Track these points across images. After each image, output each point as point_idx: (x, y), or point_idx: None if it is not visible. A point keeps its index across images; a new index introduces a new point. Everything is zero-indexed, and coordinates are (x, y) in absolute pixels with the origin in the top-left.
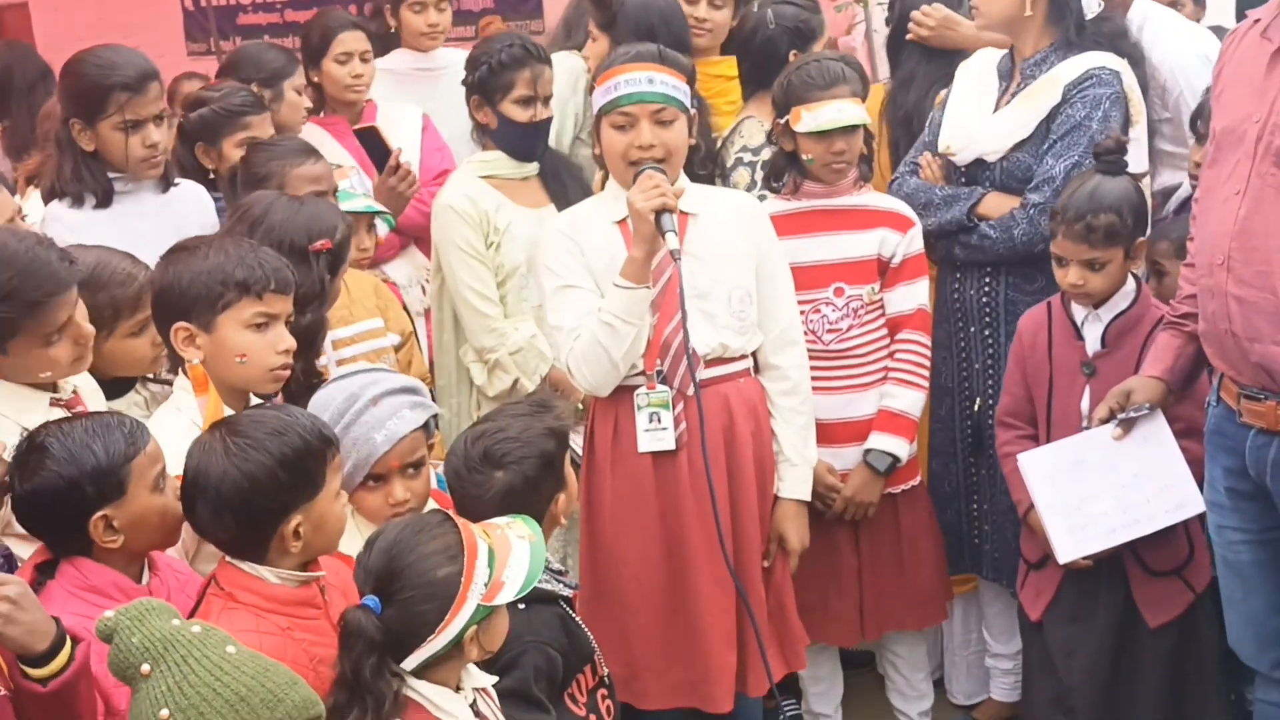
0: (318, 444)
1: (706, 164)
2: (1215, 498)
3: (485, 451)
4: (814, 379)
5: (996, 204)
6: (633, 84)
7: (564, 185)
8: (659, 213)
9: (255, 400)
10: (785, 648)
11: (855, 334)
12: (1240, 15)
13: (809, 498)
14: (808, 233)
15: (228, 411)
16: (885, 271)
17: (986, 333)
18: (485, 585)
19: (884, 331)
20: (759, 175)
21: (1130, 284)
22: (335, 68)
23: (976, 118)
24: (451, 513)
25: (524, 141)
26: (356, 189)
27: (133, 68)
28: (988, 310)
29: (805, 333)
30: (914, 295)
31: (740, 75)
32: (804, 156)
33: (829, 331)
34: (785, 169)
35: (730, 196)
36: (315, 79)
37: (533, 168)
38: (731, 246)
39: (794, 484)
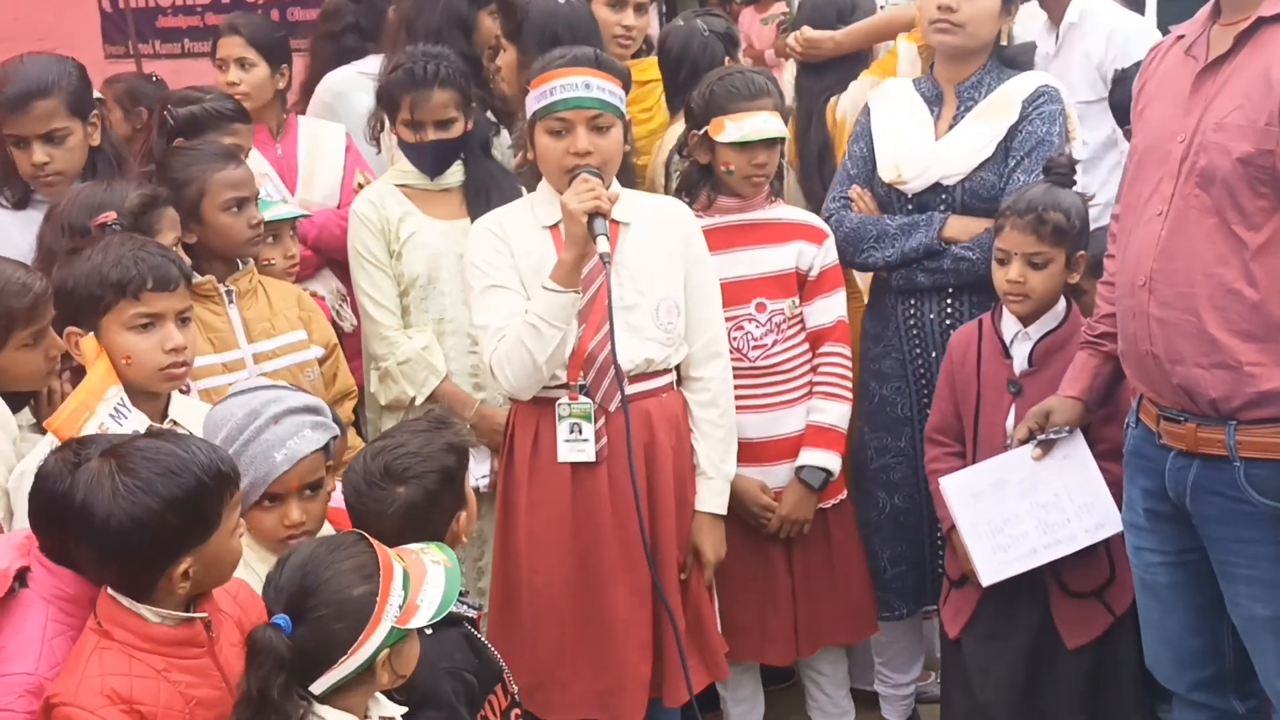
0: (214, 483)
1: (622, 176)
2: (1134, 519)
3: (386, 467)
4: (741, 397)
5: (962, 226)
6: (569, 89)
7: (487, 199)
8: (591, 216)
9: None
10: (706, 658)
11: (779, 349)
12: (1160, 20)
13: (725, 511)
14: (726, 248)
15: (112, 391)
16: (803, 285)
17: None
18: (400, 607)
19: (805, 346)
20: None
21: (1060, 304)
22: (216, 74)
23: (923, 144)
24: (367, 534)
25: (418, 160)
26: (273, 196)
27: (17, 85)
28: (951, 331)
29: (731, 350)
30: (833, 308)
31: (670, 87)
32: (723, 168)
33: (754, 348)
34: (699, 182)
35: (662, 205)
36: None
37: (452, 179)
38: (662, 256)
39: (710, 497)
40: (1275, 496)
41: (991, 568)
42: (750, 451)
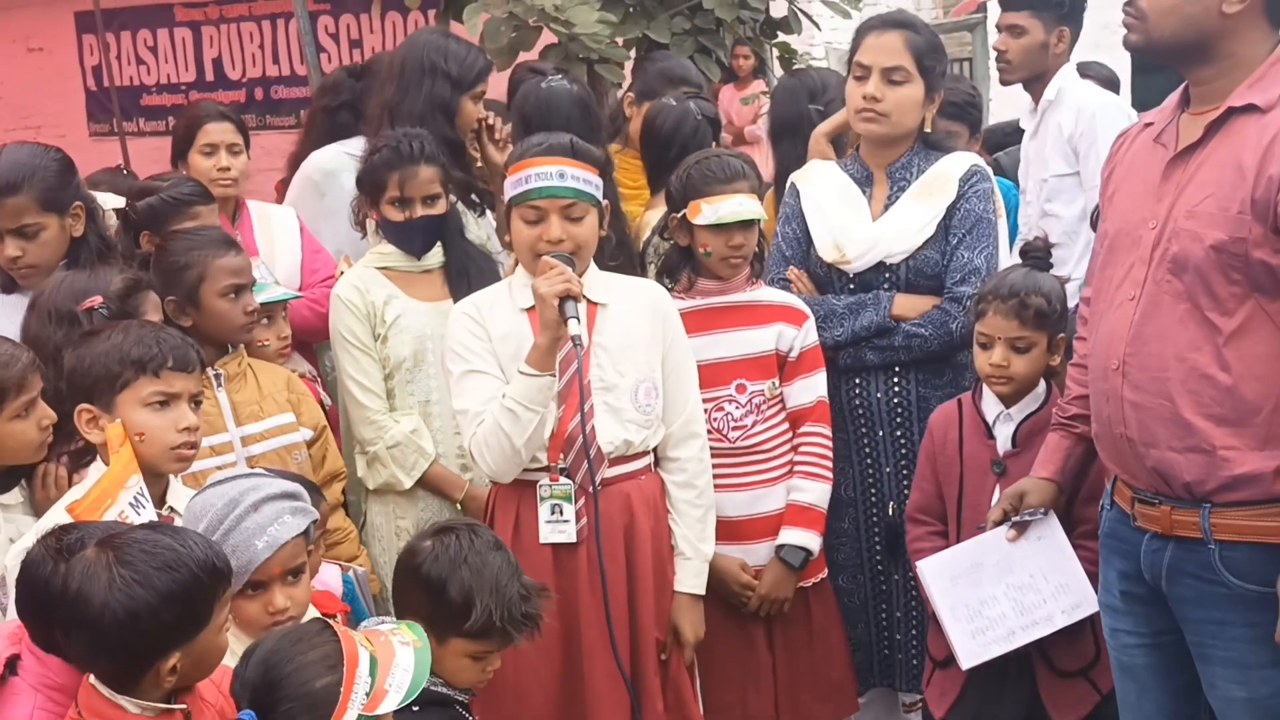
0: (209, 580)
1: (618, 254)
2: (1110, 601)
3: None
4: (721, 476)
5: (910, 304)
6: (543, 178)
7: (468, 280)
8: (563, 300)
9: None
10: None
11: (760, 430)
12: (1135, 98)
13: (703, 591)
14: (706, 330)
15: (134, 480)
16: (784, 366)
17: (899, 434)
18: (367, 695)
19: (785, 425)
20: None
21: (1041, 386)
22: (200, 160)
23: (862, 224)
24: (332, 621)
25: (404, 240)
26: (266, 278)
27: None
28: (899, 411)
29: (711, 431)
30: (813, 388)
31: (656, 166)
32: (701, 250)
33: (734, 429)
34: (679, 265)
35: (640, 287)
36: (184, 171)
37: (434, 260)
38: (640, 338)
39: (688, 578)
40: (1250, 579)
41: (970, 650)
42: (731, 530)
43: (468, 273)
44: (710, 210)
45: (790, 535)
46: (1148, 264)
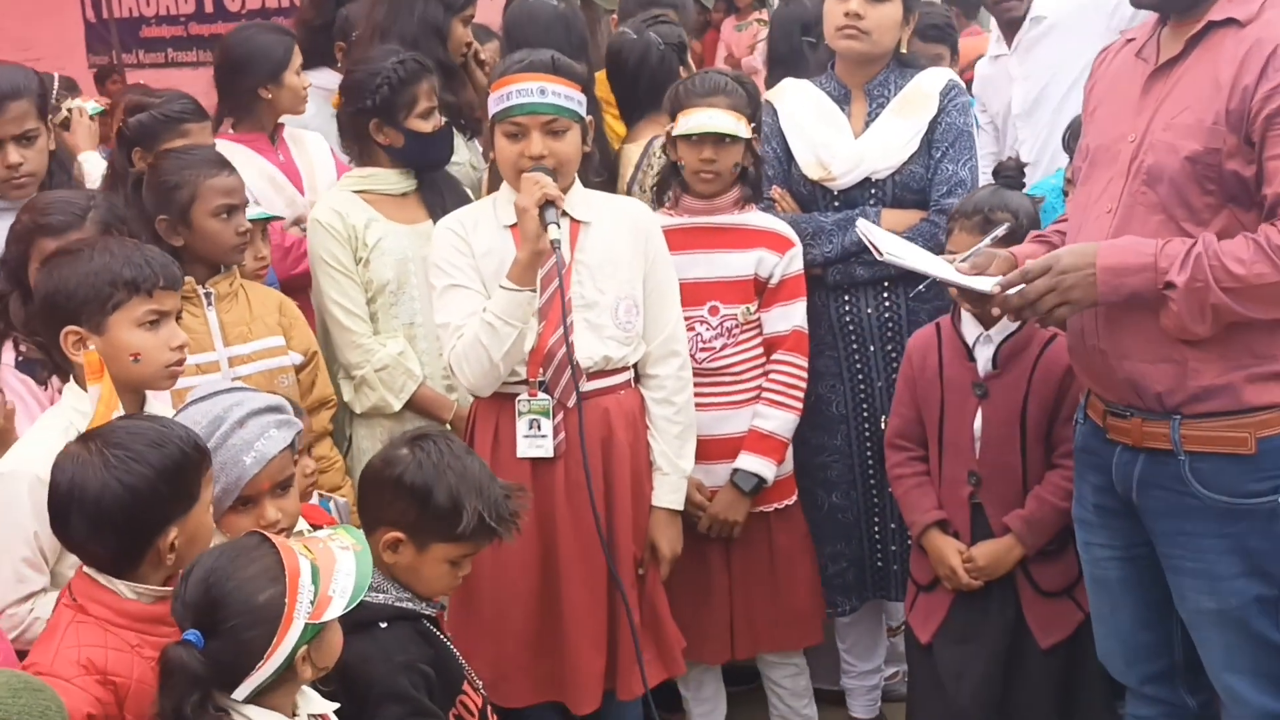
0: (195, 455)
1: (602, 170)
2: (1083, 514)
3: None
4: None
5: (897, 218)
6: (524, 94)
7: (442, 199)
8: (542, 207)
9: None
10: (663, 653)
11: (729, 353)
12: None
13: (681, 507)
14: (686, 249)
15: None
16: (763, 291)
17: (889, 348)
18: (311, 603)
19: (759, 351)
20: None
21: None
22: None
23: (844, 141)
24: (270, 533)
25: (433, 152)
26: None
27: None
28: (889, 326)
29: None
30: (790, 316)
31: (626, 100)
32: (679, 163)
33: (702, 350)
34: (669, 180)
35: (623, 205)
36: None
37: (411, 182)
38: (621, 255)
39: (665, 493)
40: (1220, 490)
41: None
42: None
43: (440, 192)
44: (684, 121)
45: (746, 460)
46: (1125, 177)
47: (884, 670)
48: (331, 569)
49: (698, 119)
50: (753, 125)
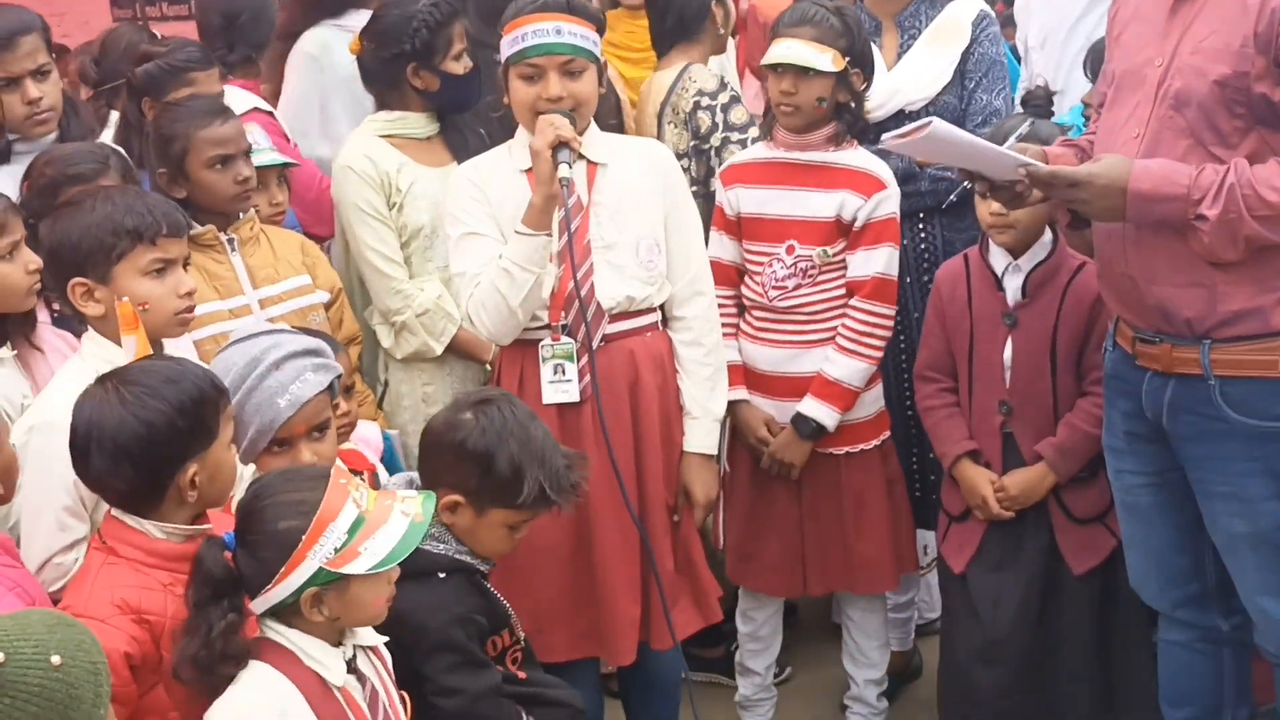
0: (211, 391)
1: (615, 113)
2: (1113, 441)
3: None
4: (758, 330)
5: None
6: (540, 35)
7: (465, 140)
8: (556, 149)
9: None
10: (699, 601)
11: (802, 294)
12: None
13: (714, 451)
14: (767, 184)
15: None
16: (849, 234)
17: (925, 279)
18: (335, 550)
19: (840, 293)
20: (720, 118)
21: (1048, 234)
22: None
23: (878, 73)
24: (339, 470)
25: (468, 93)
26: (260, 143)
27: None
28: (925, 256)
29: (755, 287)
30: (870, 262)
31: (655, 29)
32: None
33: (774, 288)
34: (769, 113)
35: (640, 146)
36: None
37: (436, 125)
38: (641, 196)
39: (697, 437)
40: (1250, 413)
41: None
42: (761, 383)
43: (462, 133)
44: (769, 52)
45: (807, 404)
46: (1153, 102)
47: (923, 606)
48: (377, 528)
49: (777, 50)
50: (849, 59)
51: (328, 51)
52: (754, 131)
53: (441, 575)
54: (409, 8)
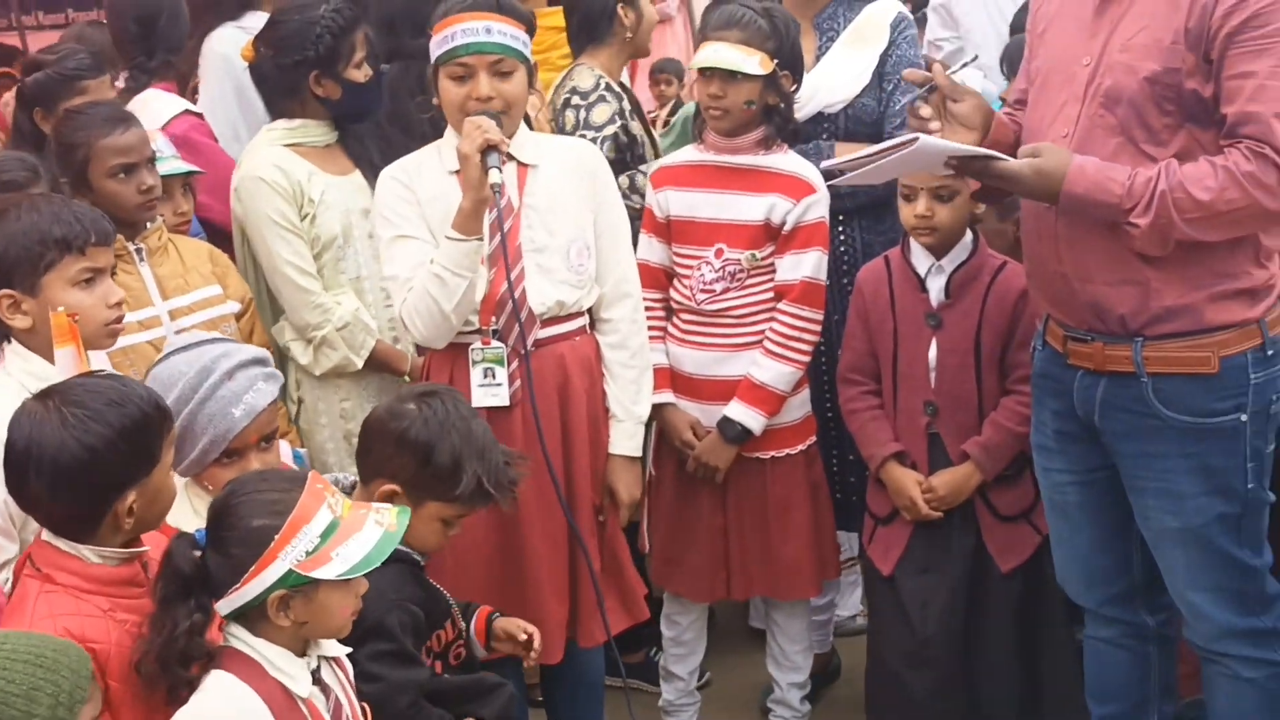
0: (156, 416)
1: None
2: (1042, 441)
3: None
4: (685, 333)
5: (852, 151)
6: (470, 34)
7: (364, 147)
8: (484, 152)
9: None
10: (625, 600)
11: (730, 297)
12: None
13: (638, 453)
14: (700, 187)
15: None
16: (778, 237)
17: (845, 281)
18: (307, 554)
19: (768, 297)
20: (582, 116)
21: (968, 235)
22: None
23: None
24: (316, 475)
25: (369, 101)
26: (163, 152)
27: None
28: (845, 259)
29: (682, 290)
30: (799, 266)
31: (568, 32)
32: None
33: (702, 291)
34: (699, 115)
35: (569, 146)
36: None
37: (335, 133)
38: (570, 198)
39: (622, 439)
40: (1182, 410)
41: None
42: (688, 386)
43: (362, 140)
44: (697, 55)
45: (734, 408)
46: (1081, 101)
47: (837, 606)
48: (350, 535)
49: (704, 53)
50: (777, 61)
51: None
52: (610, 129)
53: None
54: (310, 13)
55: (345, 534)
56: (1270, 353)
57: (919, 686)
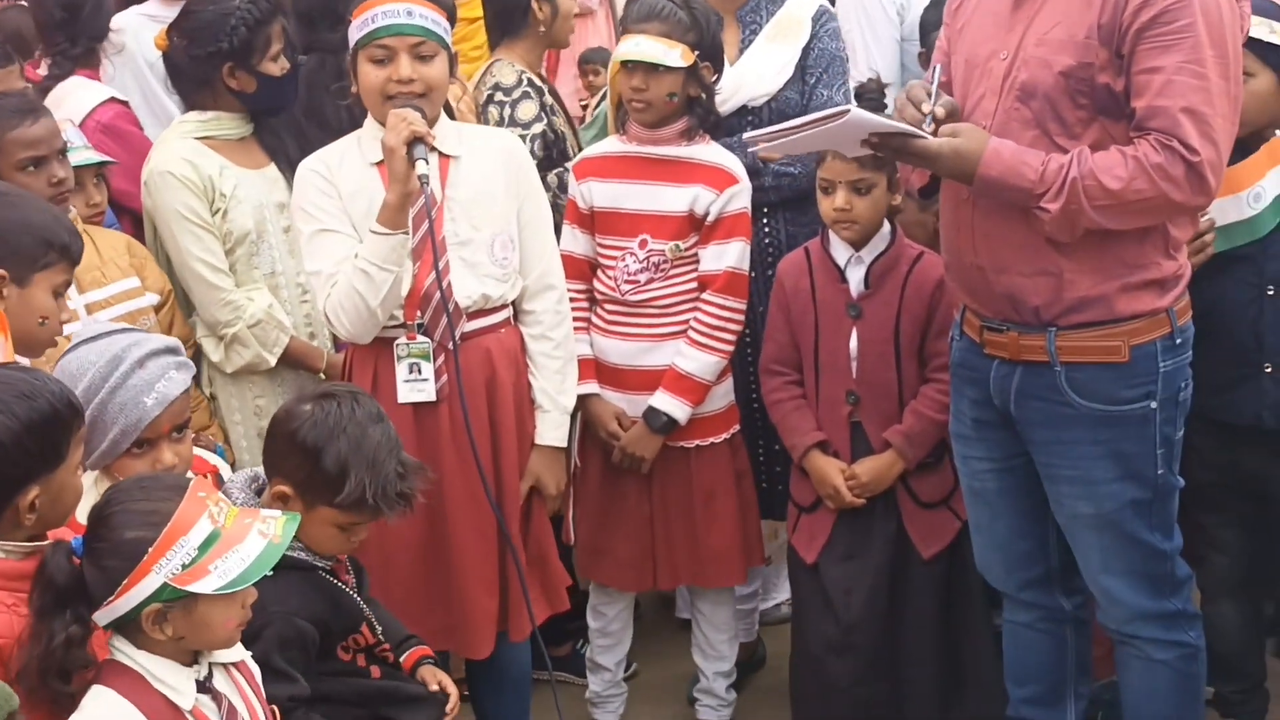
0: (66, 412)
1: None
2: (961, 429)
3: None
4: (610, 324)
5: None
6: (390, 16)
7: (280, 140)
8: (410, 144)
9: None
10: (548, 591)
11: (654, 288)
12: None
13: (563, 443)
14: (621, 179)
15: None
16: (702, 228)
17: (770, 273)
18: (183, 567)
19: (692, 287)
20: (507, 113)
21: (886, 226)
22: None
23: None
24: (199, 483)
25: (284, 95)
26: (75, 142)
27: None
28: (770, 250)
29: (606, 280)
30: (722, 256)
31: (485, 23)
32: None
33: (626, 282)
34: (622, 108)
35: (492, 136)
36: None
37: (250, 125)
38: (494, 190)
39: (547, 429)
40: (1094, 398)
41: None
42: (613, 376)
43: (279, 134)
44: (618, 48)
45: (659, 399)
46: (998, 94)
47: (761, 595)
48: (231, 548)
49: (625, 46)
50: (698, 53)
51: (135, 37)
52: (538, 128)
53: (271, 573)
54: (225, 5)
55: (226, 545)
56: (1179, 341)
57: (843, 674)
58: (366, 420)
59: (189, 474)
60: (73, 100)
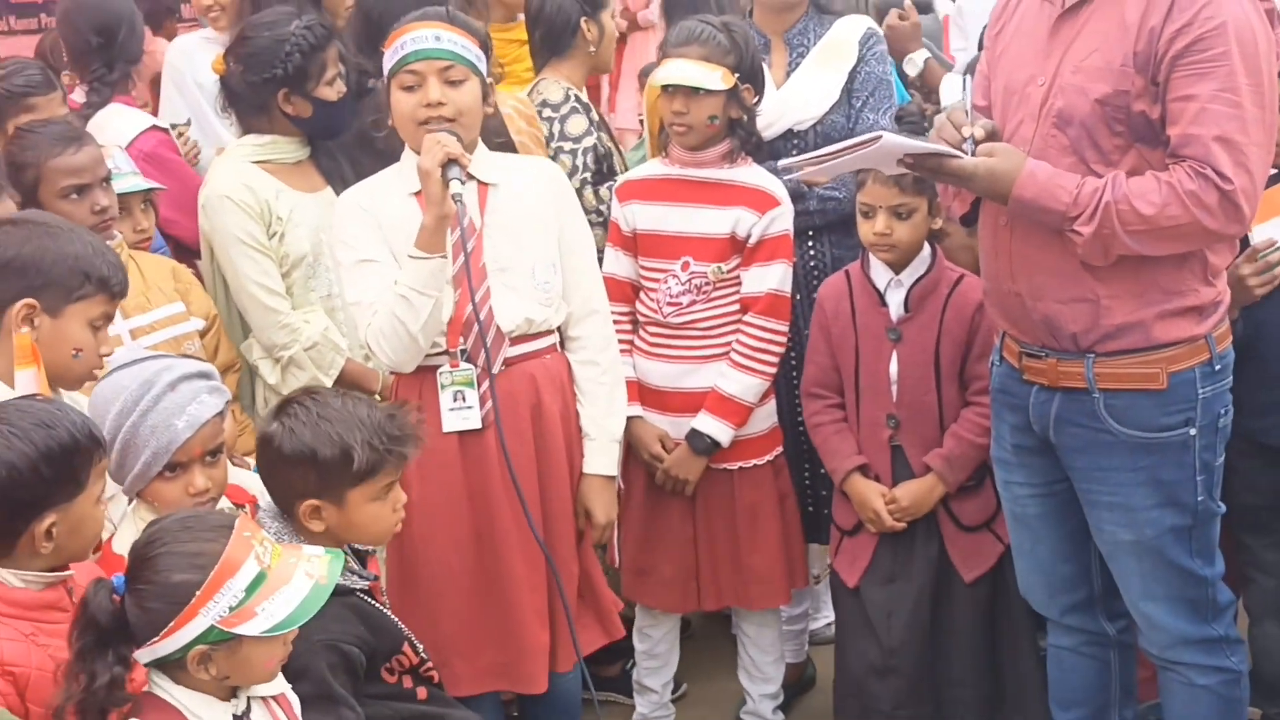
0: (86, 443)
1: (503, 130)
2: (1002, 454)
3: None
4: (653, 345)
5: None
6: (419, 41)
7: (337, 163)
8: (444, 166)
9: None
10: (601, 618)
11: (697, 310)
12: None
13: (613, 471)
14: (666, 201)
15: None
16: (743, 250)
17: (815, 296)
18: (230, 609)
19: (734, 309)
20: (557, 128)
21: (926, 249)
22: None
23: (768, 92)
24: (244, 522)
25: (340, 120)
26: (122, 168)
27: None
28: (815, 274)
29: (649, 303)
30: (765, 278)
31: (531, 46)
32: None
33: (669, 304)
34: (664, 130)
35: (530, 164)
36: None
37: (307, 149)
38: (534, 216)
39: (596, 458)
40: (1133, 425)
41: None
42: (656, 398)
43: (334, 156)
44: (657, 73)
45: (702, 421)
46: (1036, 120)
47: (812, 615)
48: (278, 589)
49: (665, 70)
50: (738, 75)
51: (190, 60)
52: (588, 141)
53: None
54: (280, 31)
55: (273, 587)
56: (1218, 367)
57: (885, 696)
58: (328, 399)
59: (228, 504)
60: (113, 128)
